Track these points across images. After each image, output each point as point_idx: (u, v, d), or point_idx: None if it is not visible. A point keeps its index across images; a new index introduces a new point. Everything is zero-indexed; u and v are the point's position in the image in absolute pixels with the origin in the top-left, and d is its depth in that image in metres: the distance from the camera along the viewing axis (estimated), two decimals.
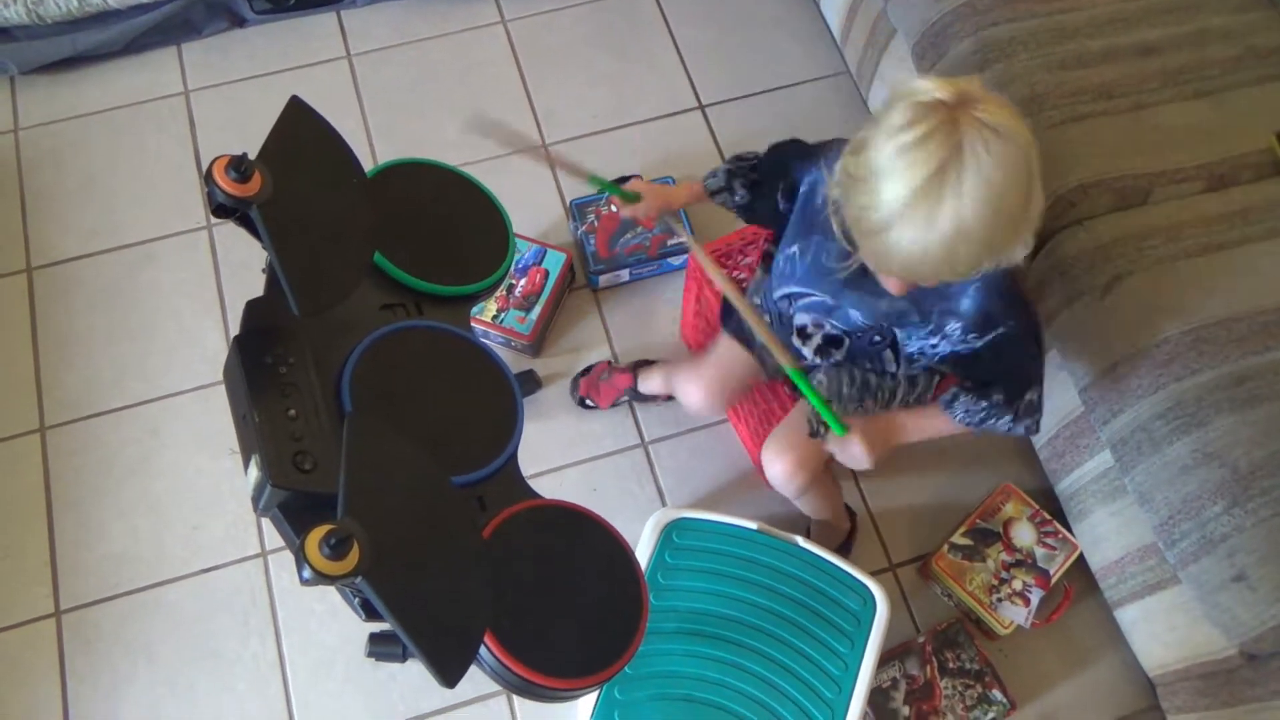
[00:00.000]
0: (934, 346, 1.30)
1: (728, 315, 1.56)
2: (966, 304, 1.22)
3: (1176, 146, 1.54)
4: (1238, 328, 1.37)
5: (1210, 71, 1.60)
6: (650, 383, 1.79)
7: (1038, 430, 1.31)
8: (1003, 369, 1.27)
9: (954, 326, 1.25)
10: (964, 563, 1.67)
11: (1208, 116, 1.57)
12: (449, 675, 0.81)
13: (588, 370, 1.87)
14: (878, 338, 1.34)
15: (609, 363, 1.88)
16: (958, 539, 1.69)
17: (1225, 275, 1.43)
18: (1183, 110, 1.57)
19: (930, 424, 1.36)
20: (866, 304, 1.29)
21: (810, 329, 1.40)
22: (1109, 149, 1.53)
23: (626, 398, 1.83)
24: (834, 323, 1.36)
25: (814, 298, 1.34)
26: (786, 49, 2.26)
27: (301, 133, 1.09)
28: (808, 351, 1.43)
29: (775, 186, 1.36)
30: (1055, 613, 1.67)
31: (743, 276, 1.76)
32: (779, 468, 1.45)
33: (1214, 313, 1.39)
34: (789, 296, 1.37)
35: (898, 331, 1.32)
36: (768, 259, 1.52)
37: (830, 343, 1.40)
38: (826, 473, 1.56)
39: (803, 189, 1.30)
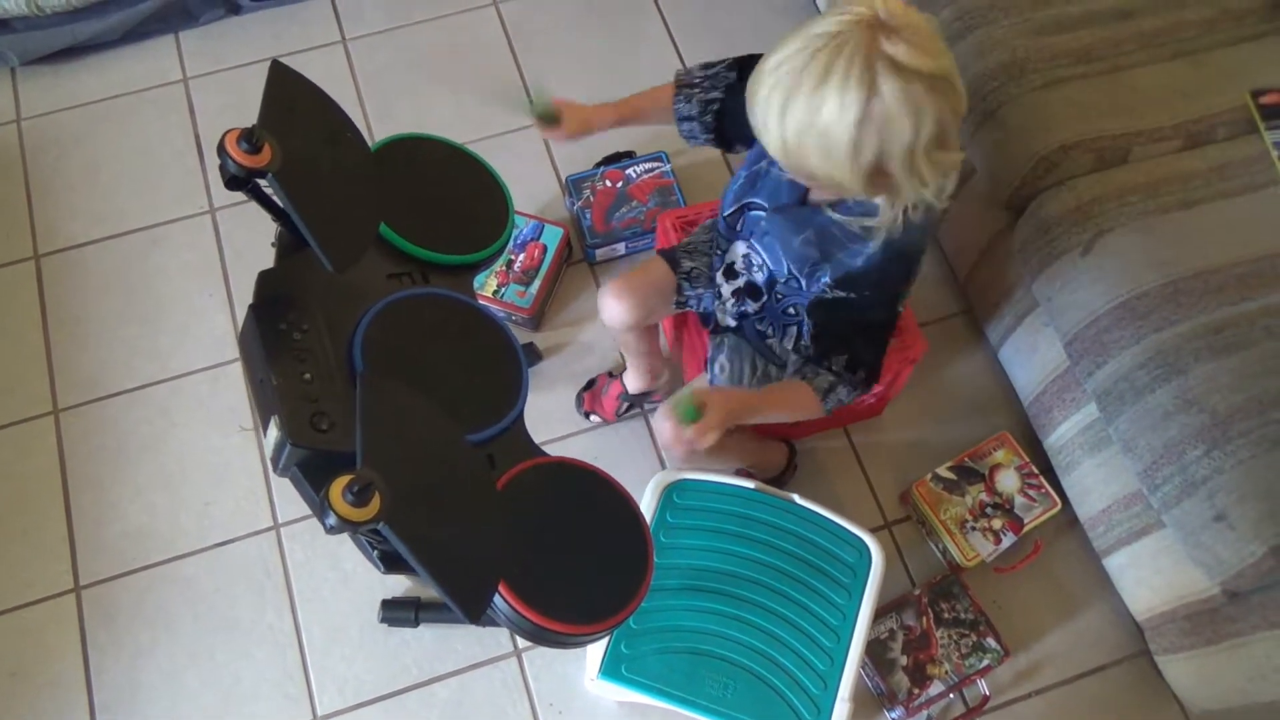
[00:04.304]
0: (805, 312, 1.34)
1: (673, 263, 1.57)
2: (858, 263, 1.24)
3: (1154, 107, 1.59)
4: (1214, 279, 1.42)
5: (1186, 33, 1.65)
6: (631, 382, 1.82)
7: (866, 391, 1.34)
8: (840, 332, 1.30)
9: (826, 278, 1.28)
10: (943, 493, 1.73)
11: (1184, 77, 1.61)
12: (472, 611, 0.86)
13: (590, 385, 1.90)
14: (791, 309, 1.38)
15: (609, 373, 1.91)
16: (942, 471, 1.75)
17: (1202, 229, 1.48)
18: (1160, 71, 1.62)
19: (781, 397, 1.34)
20: (785, 236, 1.31)
21: (739, 266, 1.44)
22: (1089, 111, 1.58)
23: (626, 404, 1.86)
24: (761, 254, 1.38)
25: (757, 211, 1.36)
26: (773, 23, 2.29)
27: (291, 95, 1.12)
28: (727, 291, 1.47)
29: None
30: (1021, 562, 1.72)
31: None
32: (665, 437, 1.30)
33: (1191, 265, 1.44)
34: (745, 206, 1.39)
35: (800, 289, 1.34)
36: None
37: (750, 291, 1.44)
38: (728, 438, 1.36)
39: None
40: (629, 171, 2.02)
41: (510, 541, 1.02)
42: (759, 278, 1.42)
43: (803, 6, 2.28)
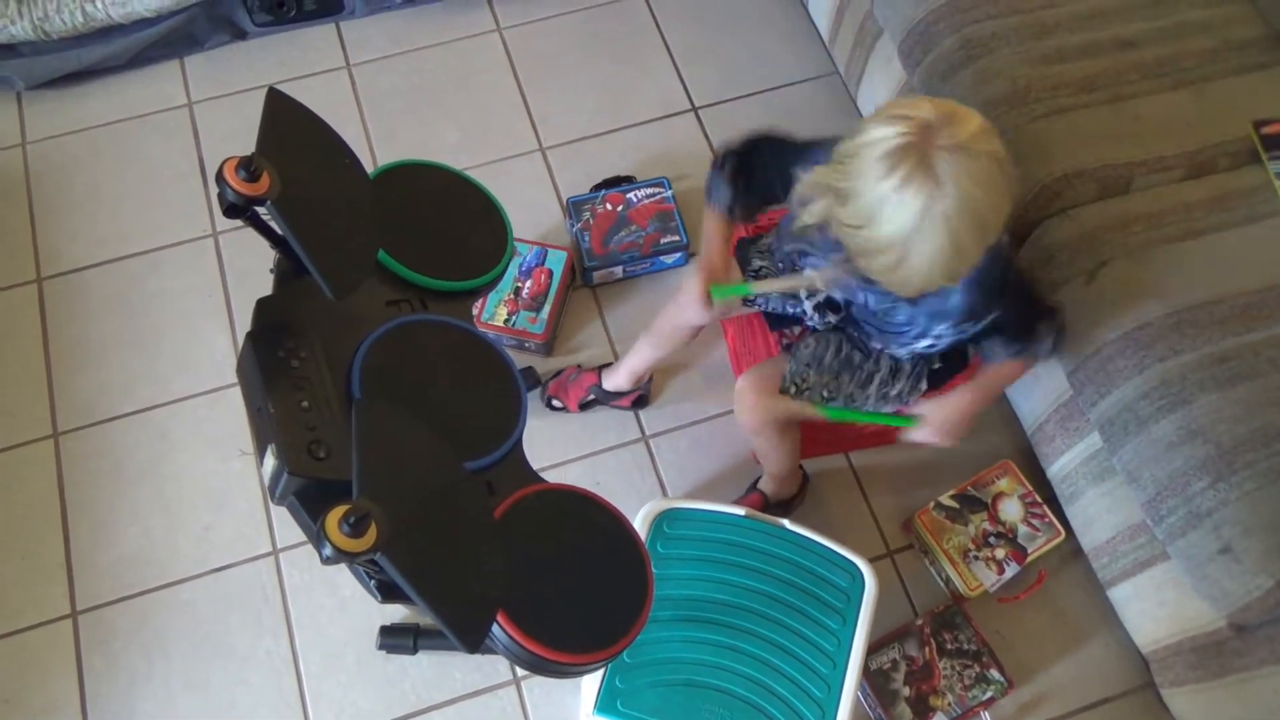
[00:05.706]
0: (930, 346, 1.36)
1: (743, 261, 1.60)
2: (955, 300, 1.26)
3: (1157, 136, 1.59)
4: (1218, 310, 1.42)
5: (1188, 63, 1.65)
6: (614, 377, 1.83)
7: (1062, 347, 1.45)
8: (1010, 331, 1.35)
9: (943, 328, 1.30)
10: (946, 522, 1.72)
11: (1187, 107, 1.61)
12: (470, 641, 0.85)
13: (556, 375, 1.92)
14: (903, 321, 1.39)
15: (577, 366, 1.92)
16: (945, 500, 1.74)
17: (1205, 259, 1.47)
18: (1162, 101, 1.62)
19: (992, 382, 1.42)
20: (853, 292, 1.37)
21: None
22: (1091, 140, 1.58)
23: (592, 395, 1.87)
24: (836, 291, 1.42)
25: (820, 261, 1.38)
26: (776, 50, 2.30)
27: (288, 122, 1.12)
28: (808, 306, 1.50)
29: (771, 181, 1.37)
30: (1024, 592, 1.71)
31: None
32: (742, 401, 1.53)
33: (1195, 296, 1.43)
34: (800, 251, 1.43)
35: (879, 333, 1.39)
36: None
37: (830, 305, 1.47)
38: (792, 429, 1.61)
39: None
40: (629, 196, 2.02)
41: (509, 570, 1.01)
42: (837, 294, 1.45)
43: (805, 32, 2.29)
